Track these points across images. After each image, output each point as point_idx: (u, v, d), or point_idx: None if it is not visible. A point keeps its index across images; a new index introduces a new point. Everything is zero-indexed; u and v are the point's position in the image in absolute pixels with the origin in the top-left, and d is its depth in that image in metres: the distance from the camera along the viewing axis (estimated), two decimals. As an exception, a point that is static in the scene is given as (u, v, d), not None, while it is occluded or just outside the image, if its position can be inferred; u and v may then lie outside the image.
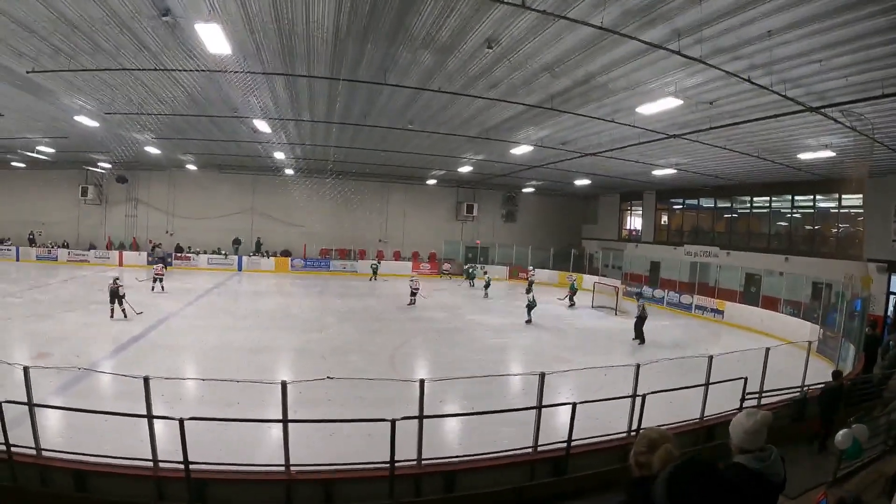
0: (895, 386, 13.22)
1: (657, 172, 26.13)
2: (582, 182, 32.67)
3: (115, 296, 18.53)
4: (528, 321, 22.10)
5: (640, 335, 19.42)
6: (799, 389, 11.76)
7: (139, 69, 12.86)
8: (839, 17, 8.32)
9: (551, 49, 10.81)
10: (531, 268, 35.26)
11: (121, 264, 34.35)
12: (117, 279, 18.76)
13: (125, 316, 18.43)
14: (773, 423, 3.51)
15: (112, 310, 18.55)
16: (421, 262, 39.37)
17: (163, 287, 25.31)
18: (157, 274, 25.86)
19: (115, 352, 14.72)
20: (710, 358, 10.31)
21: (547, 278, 36.61)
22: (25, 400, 7.30)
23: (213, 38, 9.98)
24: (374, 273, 35.48)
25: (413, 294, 25.84)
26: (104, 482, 7.20)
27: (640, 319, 19.63)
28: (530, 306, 22.37)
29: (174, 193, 36.84)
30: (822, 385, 11.12)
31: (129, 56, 12.06)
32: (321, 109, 17.20)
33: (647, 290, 31.30)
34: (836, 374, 11.80)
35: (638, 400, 8.84)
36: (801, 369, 12.25)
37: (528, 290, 25.68)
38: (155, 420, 7.29)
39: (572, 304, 27.81)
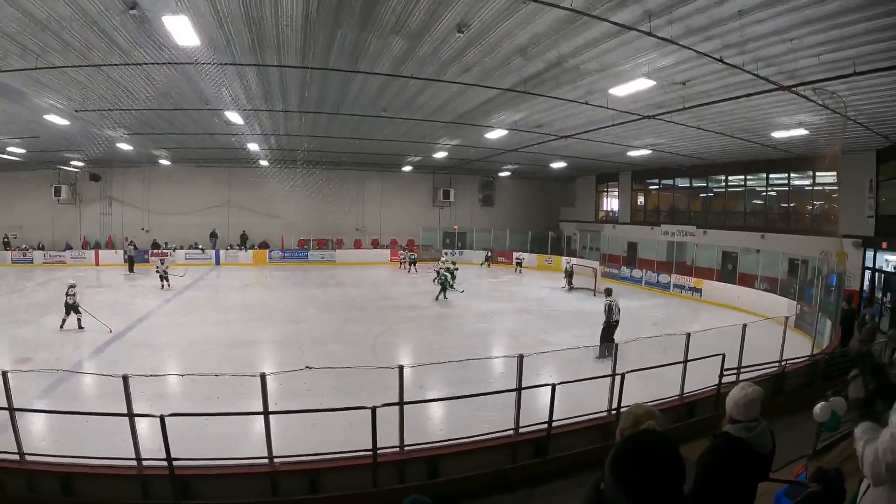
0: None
1: (632, 153, 26.28)
2: (558, 165, 32.77)
3: (69, 306, 16.91)
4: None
5: (606, 344, 13.91)
6: (777, 364, 11.92)
7: (109, 65, 12.66)
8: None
9: (523, 32, 10.74)
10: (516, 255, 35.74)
11: (97, 264, 33.88)
12: (73, 286, 17.28)
13: (80, 326, 16.76)
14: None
15: (64, 321, 16.86)
16: (399, 250, 39.31)
17: (168, 283, 25.26)
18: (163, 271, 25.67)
19: (95, 352, 14.61)
20: (688, 336, 10.40)
21: (525, 262, 36.85)
22: (6, 405, 7.20)
23: (182, 31, 9.86)
24: (413, 264, 34.96)
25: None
26: (90, 484, 7.12)
27: (609, 326, 15.27)
28: None
29: (149, 189, 36.33)
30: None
31: (99, 52, 11.84)
32: (294, 99, 17.04)
33: (624, 271, 31.61)
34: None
35: (617, 379, 8.91)
36: (779, 344, 12.40)
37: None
38: (137, 418, 7.22)
39: (572, 288, 28.18)
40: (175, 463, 6.93)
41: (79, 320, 16.90)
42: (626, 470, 1.70)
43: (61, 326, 16.79)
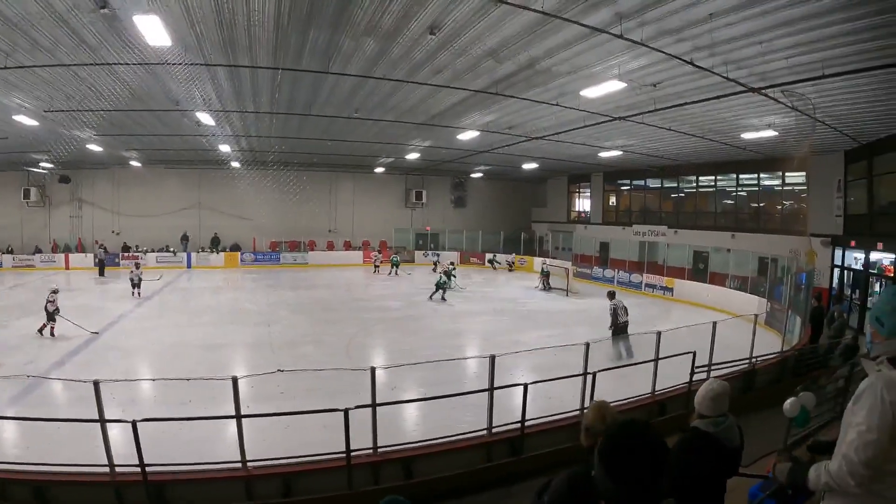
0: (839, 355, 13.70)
1: (604, 154, 26.46)
2: (530, 166, 32.85)
3: (49, 313, 16.27)
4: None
5: (623, 344, 14.56)
6: (748, 361, 12.11)
7: (78, 64, 12.45)
8: (779, -1, 8.50)
9: (494, 34, 10.78)
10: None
11: (67, 267, 33.22)
12: (55, 292, 16.72)
13: (52, 335, 16.16)
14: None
15: (44, 325, 16.29)
16: (373, 252, 39.11)
17: (139, 293, 23.62)
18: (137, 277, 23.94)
19: (67, 356, 14.35)
20: (659, 334, 10.52)
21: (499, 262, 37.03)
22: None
23: (153, 30, 9.77)
24: (395, 266, 34.68)
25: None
26: (63, 491, 6.99)
27: (618, 328, 15.30)
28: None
29: (119, 192, 35.71)
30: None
31: (68, 51, 11.63)
32: (266, 100, 16.89)
33: (597, 271, 31.93)
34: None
35: (589, 378, 8.99)
36: (749, 342, 12.60)
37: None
38: (109, 424, 7.10)
39: (548, 288, 28.36)
40: (148, 468, 6.85)
41: (52, 328, 16.32)
42: (615, 459, 1.75)
43: (40, 331, 16.27)
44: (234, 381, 7.24)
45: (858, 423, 2.49)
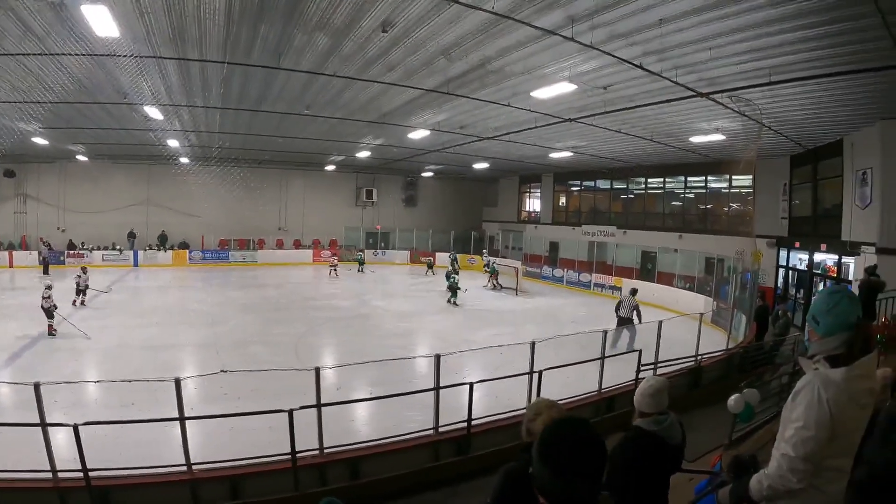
0: (786, 352, 14.11)
1: (555, 155, 26.79)
2: (481, 165, 33.06)
3: (47, 310, 16.00)
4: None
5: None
6: (693, 358, 12.39)
7: (25, 54, 12.01)
8: (730, 7, 8.66)
9: (447, 33, 10.78)
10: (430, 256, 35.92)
11: (11, 265, 31.92)
12: (49, 288, 16.39)
13: (53, 333, 15.97)
14: (670, 390, 3.77)
15: (50, 325, 16.02)
16: (322, 250, 38.92)
17: (84, 301, 21.27)
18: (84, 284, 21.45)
19: (10, 359, 13.82)
20: (605, 332, 10.70)
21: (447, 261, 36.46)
22: None
23: (101, 21, 9.54)
24: (361, 264, 34.81)
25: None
26: (4, 498, 6.79)
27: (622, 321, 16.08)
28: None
29: (65, 187, 34.48)
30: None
31: (13, 40, 11.23)
32: (215, 95, 16.48)
33: (546, 270, 32.33)
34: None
35: (535, 376, 9.07)
36: (695, 339, 12.89)
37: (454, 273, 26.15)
38: (52, 428, 6.92)
39: (497, 288, 28.43)
40: (92, 473, 6.70)
41: (50, 326, 16.09)
42: (552, 450, 1.76)
43: (50, 332, 16.03)
44: (177, 382, 7.12)
45: (796, 419, 2.55)
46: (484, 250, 36.28)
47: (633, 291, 16.86)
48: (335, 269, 32.23)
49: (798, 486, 2.55)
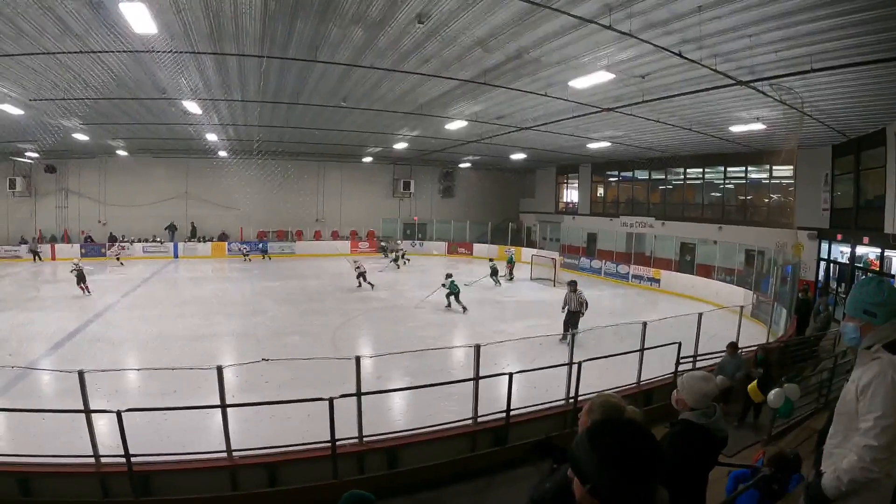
0: (827, 347, 13.82)
1: (592, 145, 26.49)
2: (518, 156, 32.77)
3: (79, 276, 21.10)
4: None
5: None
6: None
7: (64, 52, 12.26)
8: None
9: (483, 24, 10.72)
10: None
11: (53, 258, 32.82)
12: (76, 262, 20.69)
13: (88, 292, 21.27)
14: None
15: (83, 287, 21.29)
16: (359, 241, 39.18)
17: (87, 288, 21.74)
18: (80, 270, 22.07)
19: (52, 349, 14.26)
20: (644, 324, 10.57)
21: (486, 252, 36.37)
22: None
23: (139, 18, 9.64)
24: (400, 257, 33.90)
25: (361, 277, 24.22)
26: (48, 483, 6.96)
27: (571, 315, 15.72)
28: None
29: (105, 181, 35.29)
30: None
31: (54, 39, 11.47)
32: (252, 89, 16.72)
33: (584, 262, 31.98)
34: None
35: (574, 367, 9.01)
36: (735, 333, 12.66)
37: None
38: (95, 415, 7.06)
39: (511, 278, 28.26)
40: (133, 459, 6.82)
41: (85, 287, 21.25)
42: (607, 443, 1.76)
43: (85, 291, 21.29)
44: (220, 370, 7.21)
45: (873, 410, 2.55)
46: (508, 249, 34.58)
47: (573, 285, 16.24)
48: (363, 277, 24.80)
49: (879, 475, 2.55)
